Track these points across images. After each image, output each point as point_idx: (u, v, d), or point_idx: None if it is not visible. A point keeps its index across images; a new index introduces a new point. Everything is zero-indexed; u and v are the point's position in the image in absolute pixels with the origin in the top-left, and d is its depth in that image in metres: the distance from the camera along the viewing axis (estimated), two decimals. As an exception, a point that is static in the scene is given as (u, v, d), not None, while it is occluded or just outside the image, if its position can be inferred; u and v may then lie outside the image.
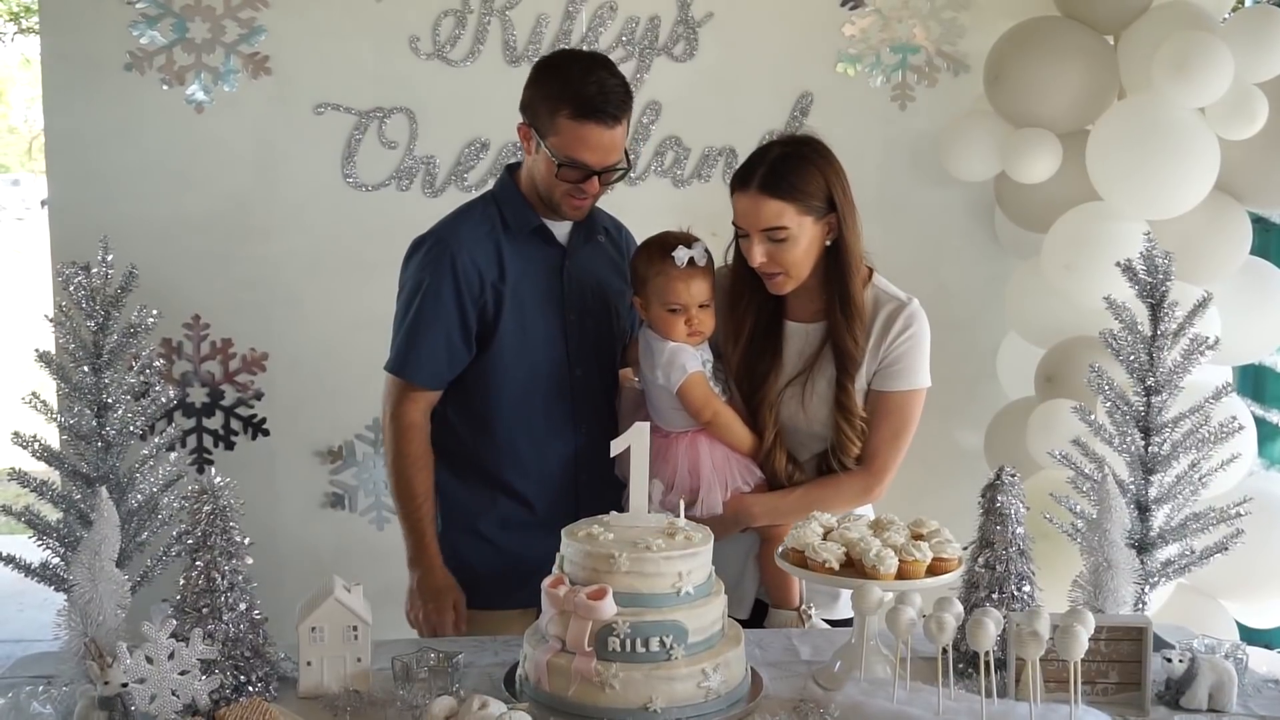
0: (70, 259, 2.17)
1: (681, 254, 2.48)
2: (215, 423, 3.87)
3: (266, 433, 3.90)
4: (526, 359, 2.67)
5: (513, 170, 2.74)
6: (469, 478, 2.73)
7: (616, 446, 2.10)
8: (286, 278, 3.86)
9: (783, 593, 2.56)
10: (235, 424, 3.88)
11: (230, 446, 3.88)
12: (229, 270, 3.84)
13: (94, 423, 2.14)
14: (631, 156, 2.73)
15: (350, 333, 3.85)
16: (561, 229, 2.71)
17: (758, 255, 2.46)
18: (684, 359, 2.52)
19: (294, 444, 3.93)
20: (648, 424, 2.10)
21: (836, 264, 2.50)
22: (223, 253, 3.83)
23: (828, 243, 2.50)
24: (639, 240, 2.72)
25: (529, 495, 2.70)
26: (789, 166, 2.45)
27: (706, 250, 2.54)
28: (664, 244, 2.53)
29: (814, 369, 2.54)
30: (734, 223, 2.51)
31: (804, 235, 2.45)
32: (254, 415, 3.89)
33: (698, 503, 2.49)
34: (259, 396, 3.89)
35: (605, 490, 2.74)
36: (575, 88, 2.50)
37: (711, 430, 2.54)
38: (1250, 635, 3.61)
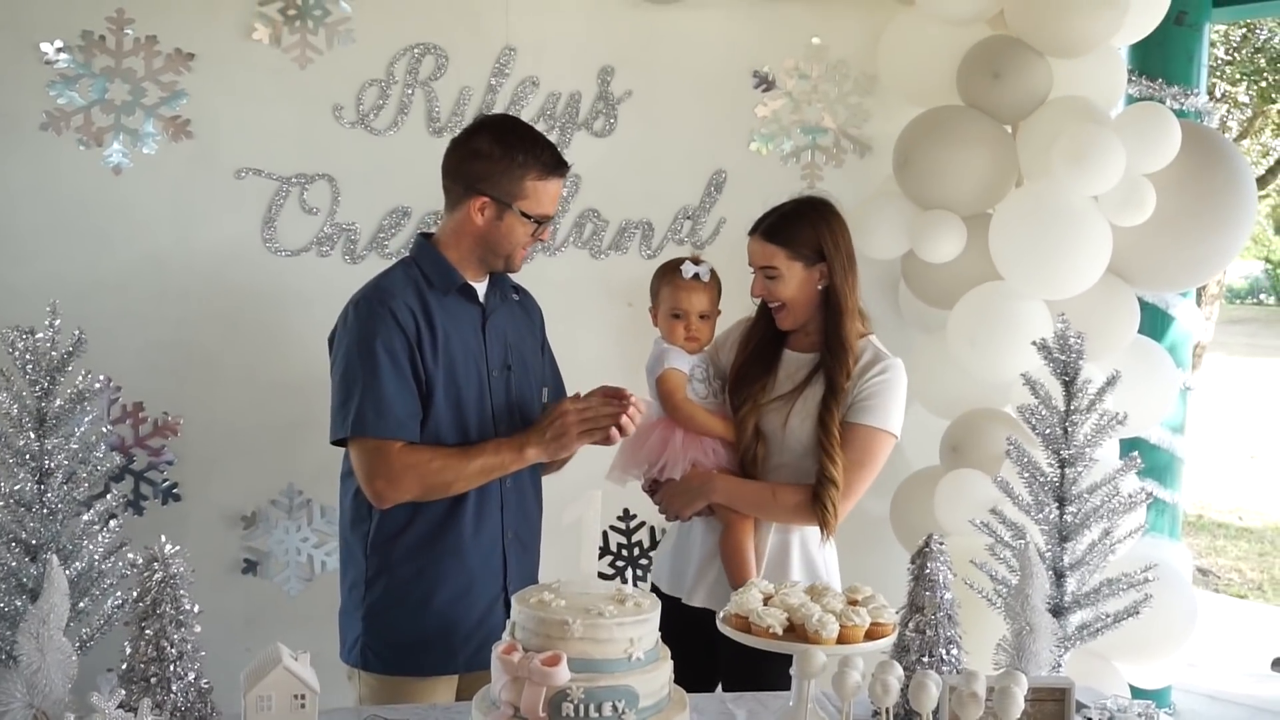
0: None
1: (688, 267, 2.93)
2: (124, 488, 3.78)
3: (178, 498, 3.83)
4: (457, 415, 2.69)
5: (428, 237, 2.82)
6: (402, 544, 2.70)
7: (566, 516, 2.15)
8: (203, 341, 3.81)
9: (741, 577, 2.76)
10: (145, 489, 3.81)
11: (140, 511, 3.80)
12: (144, 332, 3.76)
13: (36, 489, 2.12)
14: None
15: (266, 397, 3.83)
16: (479, 289, 2.79)
17: (756, 287, 2.94)
18: (670, 357, 2.93)
19: (206, 508, 3.86)
20: (599, 493, 2.15)
21: (829, 307, 2.89)
22: (138, 315, 3.75)
23: (820, 287, 2.87)
24: (542, 305, 3.04)
25: (462, 554, 2.70)
26: (788, 219, 2.90)
27: (713, 273, 2.98)
28: (678, 262, 2.97)
29: (802, 391, 2.88)
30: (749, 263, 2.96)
31: (794, 277, 2.88)
32: (165, 480, 3.82)
33: (659, 464, 2.87)
34: (170, 462, 3.82)
35: (530, 545, 2.83)
36: (534, 152, 2.69)
37: (679, 420, 2.89)
38: (1139, 695, 3.77)
